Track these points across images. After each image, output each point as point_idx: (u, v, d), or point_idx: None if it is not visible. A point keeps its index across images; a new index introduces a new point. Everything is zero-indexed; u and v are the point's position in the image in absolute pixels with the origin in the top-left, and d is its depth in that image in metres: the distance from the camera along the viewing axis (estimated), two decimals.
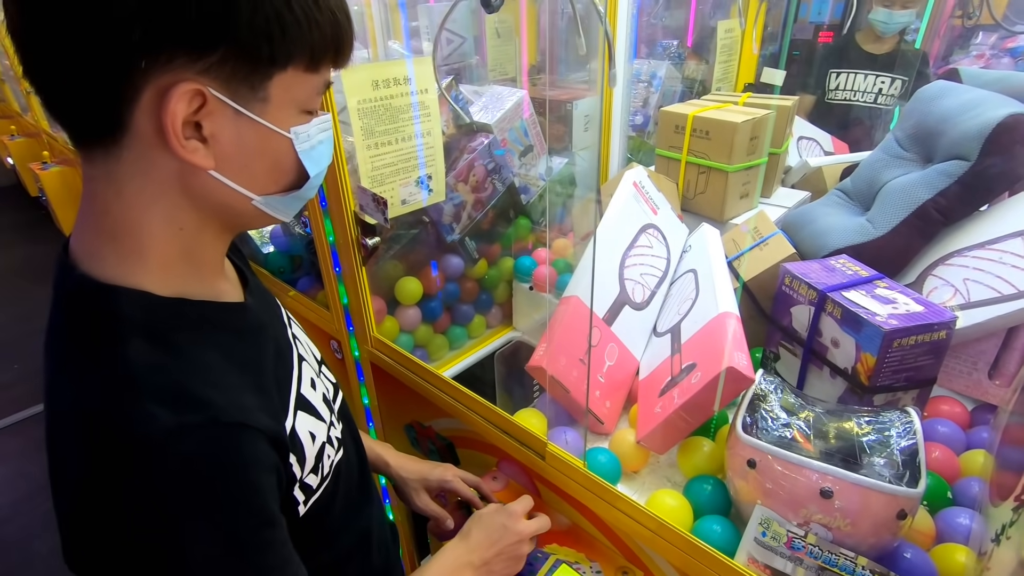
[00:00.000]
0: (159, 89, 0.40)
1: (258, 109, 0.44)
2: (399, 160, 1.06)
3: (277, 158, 0.48)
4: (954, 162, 0.93)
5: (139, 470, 0.40)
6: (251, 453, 0.45)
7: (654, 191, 1.16)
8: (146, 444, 0.40)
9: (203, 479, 0.42)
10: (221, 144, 0.44)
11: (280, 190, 0.49)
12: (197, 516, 0.41)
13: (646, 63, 1.87)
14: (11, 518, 2.14)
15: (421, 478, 0.85)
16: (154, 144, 0.42)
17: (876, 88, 1.94)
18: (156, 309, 0.45)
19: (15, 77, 3.83)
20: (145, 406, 0.40)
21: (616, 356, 0.98)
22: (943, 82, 1.06)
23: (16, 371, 2.97)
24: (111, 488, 0.40)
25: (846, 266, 0.91)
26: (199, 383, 0.44)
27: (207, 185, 0.45)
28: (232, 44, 0.40)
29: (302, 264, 1.43)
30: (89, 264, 0.45)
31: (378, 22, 1.87)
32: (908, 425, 0.68)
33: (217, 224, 0.49)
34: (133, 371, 0.42)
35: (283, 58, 0.43)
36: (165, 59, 0.39)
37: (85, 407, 0.42)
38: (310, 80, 0.46)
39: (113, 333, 0.43)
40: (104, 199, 0.45)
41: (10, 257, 4.34)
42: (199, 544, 0.42)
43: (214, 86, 0.41)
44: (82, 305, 0.45)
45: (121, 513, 0.40)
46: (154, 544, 0.41)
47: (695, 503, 0.77)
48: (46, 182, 3.60)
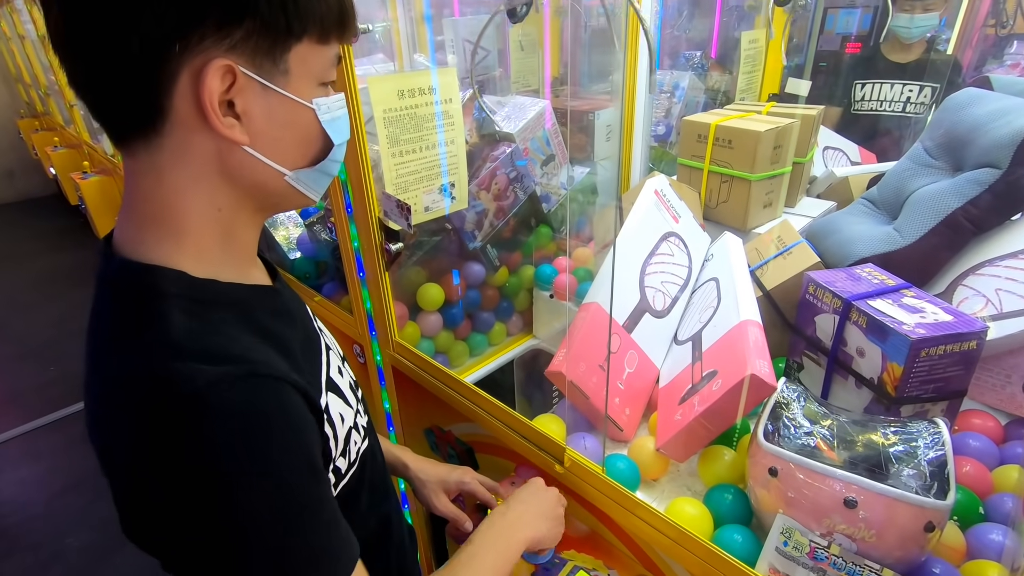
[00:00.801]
0: (193, 71, 0.43)
1: (281, 82, 0.47)
2: (423, 168, 1.08)
3: (304, 129, 0.51)
4: (985, 170, 0.92)
5: (189, 424, 0.42)
6: (292, 405, 0.47)
7: (675, 200, 1.16)
8: (194, 398, 0.42)
9: (250, 426, 0.43)
10: (253, 119, 0.47)
11: (308, 163, 0.52)
12: (249, 465, 0.43)
13: (669, 74, 1.87)
14: (44, 515, 2.20)
15: (440, 480, 0.86)
16: (193, 127, 0.45)
17: (904, 97, 1.90)
18: (192, 287, 0.48)
19: (59, 91, 4.00)
20: (188, 364, 0.43)
21: (636, 363, 0.97)
22: (973, 89, 1.04)
23: (52, 372, 3.08)
24: (165, 446, 0.42)
25: (872, 275, 0.90)
26: (236, 347, 0.47)
27: (243, 162, 0.48)
28: (254, 17, 0.44)
29: (327, 270, 1.46)
30: (130, 250, 0.48)
31: (404, 36, 1.92)
32: (936, 436, 0.66)
33: (252, 205, 0.52)
34: (175, 337, 0.44)
35: (298, 29, 0.46)
36: (196, 40, 0.42)
37: (134, 374, 0.44)
38: (323, 52, 0.49)
39: (153, 307, 0.46)
40: (146, 188, 0.48)
41: (50, 262, 4.52)
42: (253, 492, 0.43)
43: (241, 62, 0.44)
44: (124, 285, 0.48)
45: (176, 469, 0.42)
46: (210, 497, 0.42)
47: (716, 512, 0.76)
48: (85, 191, 3.74)
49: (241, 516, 0.43)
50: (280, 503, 0.45)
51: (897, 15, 1.84)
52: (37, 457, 2.50)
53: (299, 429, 0.47)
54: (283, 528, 0.45)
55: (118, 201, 3.81)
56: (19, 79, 5.91)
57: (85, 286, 0.51)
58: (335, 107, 0.52)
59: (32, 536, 2.12)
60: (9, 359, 3.25)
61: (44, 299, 3.89)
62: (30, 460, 2.49)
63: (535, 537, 0.72)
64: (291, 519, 0.45)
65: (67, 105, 3.96)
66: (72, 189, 4.18)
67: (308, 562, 0.46)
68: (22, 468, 2.45)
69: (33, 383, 2.99)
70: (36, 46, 4.09)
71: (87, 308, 0.50)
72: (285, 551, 0.45)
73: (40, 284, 4.14)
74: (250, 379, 0.45)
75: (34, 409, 2.77)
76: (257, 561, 0.44)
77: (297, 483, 0.46)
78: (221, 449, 0.42)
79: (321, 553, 0.48)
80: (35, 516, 2.20)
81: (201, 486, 0.42)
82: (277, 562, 0.45)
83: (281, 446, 0.45)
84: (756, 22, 2.09)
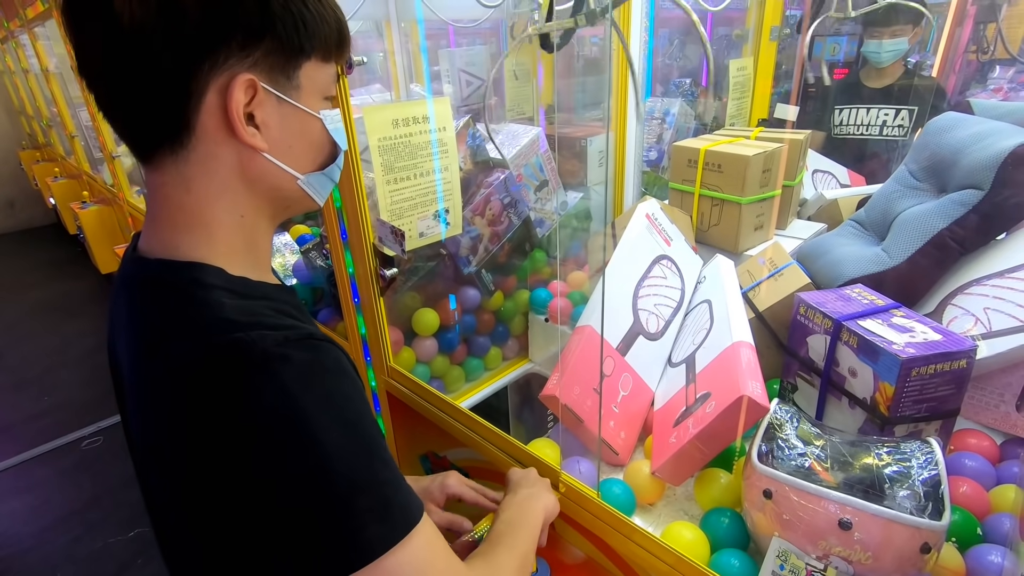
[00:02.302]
0: (220, 86, 0.48)
1: (295, 95, 0.53)
2: (417, 195, 1.10)
3: (313, 137, 0.56)
4: (968, 191, 0.93)
5: (267, 377, 0.45)
6: (348, 366, 0.52)
7: (667, 223, 1.17)
8: (265, 355, 0.45)
9: (320, 375, 0.47)
10: (270, 129, 0.52)
11: (317, 168, 0.58)
12: (326, 406, 0.46)
13: (659, 101, 1.91)
14: (36, 547, 2.16)
15: (422, 491, 0.85)
16: (218, 139, 0.50)
17: (880, 120, 1.96)
18: (231, 282, 0.52)
19: (61, 123, 4.06)
20: (253, 331, 0.47)
21: (630, 386, 0.97)
22: (954, 114, 1.06)
23: (46, 403, 3.05)
24: (246, 404, 0.44)
25: (862, 295, 0.90)
26: (285, 321, 0.51)
27: (262, 169, 0.53)
28: (273, 37, 0.49)
29: (323, 296, 1.46)
30: (166, 253, 0.52)
31: (400, 66, 1.96)
32: (930, 456, 0.66)
33: (269, 210, 0.57)
34: (230, 314, 0.48)
35: (308, 48, 0.52)
36: (223, 58, 0.47)
37: (199, 350, 0.46)
38: (326, 69, 0.55)
39: (201, 294, 0.49)
40: (175, 198, 0.52)
41: (47, 292, 4.51)
42: (334, 431, 0.46)
43: (261, 77, 0.50)
44: (168, 280, 0.51)
45: (260, 422, 0.44)
46: (296, 440, 0.44)
47: (712, 536, 0.75)
48: (84, 220, 3.76)
49: (326, 451, 0.45)
50: (357, 439, 0.48)
51: (867, 41, 1.91)
52: (29, 489, 2.46)
53: (358, 387, 0.51)
54: (364, 460, 0.47)
55: (116, 230, 3.84)
56: (22, 111, 6.00)
57: (81, 316, 0.52)
58: (337, 119, 0.58)
59: (22, 571, 2.07)
60: (4, 389, 3.22)
61: (40, 329, 3.87)
62: (22, 492, 2.45)
63: (548, 505, 0.76)
64: (368, 452, 0.48)
65: (68, 136, 4.01)
66: (71, 218, 4.21)
67: (390, 487, 0.49)
68: (14, 500, 2.41)
69: (26, 414, 2.96)
70: (39, 79, 4.17)
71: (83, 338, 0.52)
72: (370, 478, 0.47)
73: (37, 314, 4.13)
74: (310, 340, 0.49)
75: (27, 440, 2.74)
76: (347, 490, 0.46)
77: (366, 426, 0.49)
78: (297, 395, 0.45)
79: (397, 484, 0.50)
80: (26, 550, 2.15)
81: (284, 432, 0.44)
82: (365, 488, 0.47)
83: (346, 395, 0.49)
84: (744, 50, 2.15)
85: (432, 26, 1.94)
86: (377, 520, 0.47)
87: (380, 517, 0.47)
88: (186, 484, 0.47)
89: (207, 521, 0.48)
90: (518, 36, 1.96)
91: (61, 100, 3.77)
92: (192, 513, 0.48)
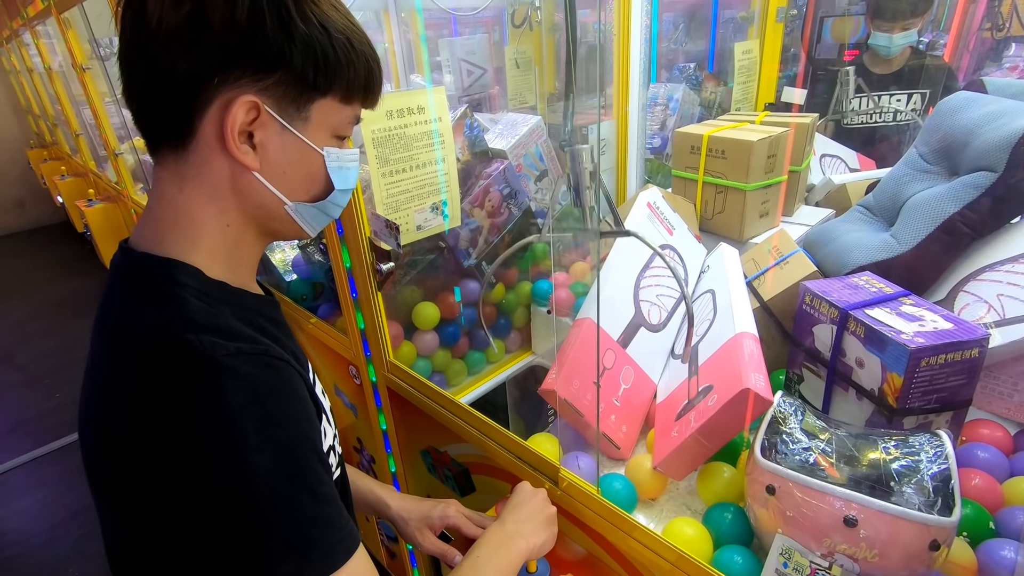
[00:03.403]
0: (224, 102, 0.49)
1: (300, 127, 0.53)
2: (414, 187, 1.08)
3: (310, 170, 0.56)
4: (981, 173, 0.90)
5: (207, 385, 0.45)
6: (300, 388, 0.51)
7: (669, 212, 1.15)
8: (212, 362, 0.45)
9: (262, 395, 0.47)
10: (267, 151, 0.53)
11: (309, 199, 0.58)
12: (261, 427, 0.45)
13: (663, 87, 1.87)
14: (48, 543, 2.18)
15: (423, 517, 0.83)
16: (214, 149, 0.51)
17: (892, 108, 1.89)
18: (206, 284, 0.53)
19: (65, 121, 4.07)
20: (208, 335, 0.47)
21: (632, 379, 0.96)
22: (966, 93, 1.03)
23: (57, 399, 3.08)
24: (181, 405, 0.44)
25: (870, 283, 0.88)
26: (244, 332, 0.51)
27: (252, 186, 0.54)
28: (287, 70, 0.50)
29: (323, 291, 1.45)
30: (150, 247, 0.53)
31: (400, 57, 1.93)
32: (939, 449, 0.64)
33: (255, 227, 0.57)
34: (193, 314, 0.48)
35: (324, 87, 0.52)
36: (233, 78, 0.49)
37: (152, 340, 0.47)
38: (344, 111, 0.55)
39: (170, 291, 0.50)
40: (170, 194, 0.53)
41: (56, 290, 4.55)
42: (264, 453, 0.45)
43: (268, 103, 0.50)
44: (144, 272, 0.52)
45: (190, 428, 0.44)
46: (222, 454, 0.44)
47: (715, 532, 0.74)
48: (91, 218, 3.77)
49: (252, 474, 0.44)
50: (289, 467, 0.46)
51: (876, 34, 1.82)
52: (41, 486, 2.49)
53: (306, 410, 0.51)
54: (291, 490, 0.46)
55: (122, 228, 3.86)
56: (28, 110, 6.03)
57: (89, 313, 0.54)
58: (345, 159, 0.58)
59: (34, 567, 2.09)
60: (15, 387, 3.25)
61: (50, 327, 3.91)
62: (34, 488, 2.48)
63: (536, 545, 0.72)
64: (299, 483, 0.47)
65: (73, 134, 4.03)
66: (78, 216, 4.23)
67: (315, 525, 0.48)
68: (26, 497, 2.44)
69: (37, 411, 2.99)
70: (43, 78, 4.18)
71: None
72: (294, 512, 0.46)
73: (46, 312, 4.17)
74: (263, 357, 0.48)
75: (38, 437, 2.77)
76: (265, 519, 0.45)
77: (304, 455, 0.48)
78: (235, 409, 0.45)
79: (327, 522, 0.49)
80: (38, 546, 2.18)
81: (214, 444, 0.44)
82: (286, 521, 0.46)
83: (291, 418, 0.48)
84: (749, 33, 2.10)
85: (433, 16, 1.91)
86: (293, 559, 0.46)
87: (297, 555, 0.46)
88: (121, 467, 0.47)
89: (135, 507, 0.47)
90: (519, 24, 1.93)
91: (65, 98, 3.78)
92: (123, 497, 0.48)
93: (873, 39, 1.83)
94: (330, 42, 0.51)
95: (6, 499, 2.45)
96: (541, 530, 0.74)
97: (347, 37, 0.52)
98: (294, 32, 0.49)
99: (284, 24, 0.48)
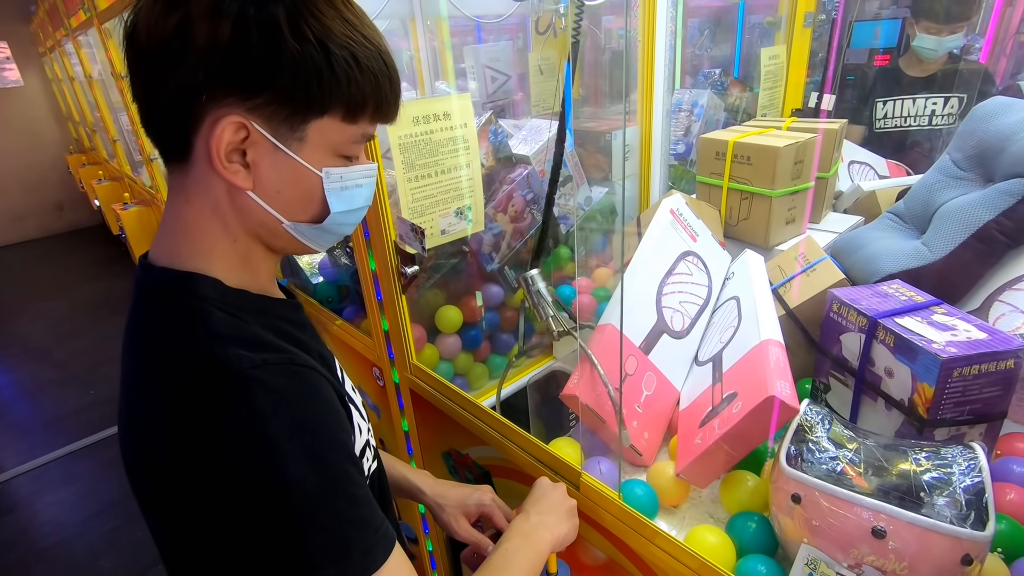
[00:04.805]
0: (213, 120, 0.48)
1: (295, 147, 0.51)
2: (439, 192, 1.10)
3: (307, 191, 0.54)
4: (1017, 180, 0.88)
5: (236, 397, 0.45)
6: (328, 393, 0.51)
7: (693, 218, 1.14)
8: (240, 375, 0.45)
9: (291, 403, 0.47)
10: (260, 170, 0.51)
11: (308, 220, 0.56)
12: (292, 435, 0.45)
13: (687, 92, 1.87)
14: (80, 535, 2.25)
15: (459, 504, 0.84)
16: (209, 165, 0.50)
17: (928, 111, 1.85)
18: (226, 294, 0.53)
19: (104, 127, 4.22)
20: (234, 349, 0.47)
21: (654, 386, 0.95)
22: (1002, 98, 1.00)
23: (91, 396, 3.18)
24: (211, 418, 0.44)
25: (900, 291, 0.86)
26: (269, 340, 0.51)
27: (248, 204, 0.53)
28: (276, 90, 0.48)
29: (349, 294, 1.48)
30: (169, 261, 0.53)
31: (426, 64, 1.96)
32: (973, 462, 0.62)
33: (261, 243, 0.56)
34: (217, 327, 0.49)
35: (318, 107, 0.50)
36: (221, 96, 0.47)
37: (179, 355, 0.47)
38: (347, 130, 0.53)
39: (195, 305, 0.50)
40: (180, 207, 0.53)
41: (92, 290, 4.71)
42: (298, 461, 0.45)
43: (258, 122, 0.49)
44: (167, 288, 0.52)
45: (221, 440, 0.44)
46: (255, 464, 0.44)
47: (738, 541, 0.73)
48: (125, 221, 3.90)
49: (286, 481, 0.45)
50: (322, 474, 0.47)
51: (922, 36, 1.77)
52: (75, 479, 2.57)
53: (335, 414, 0.51)
54: (326, 496, 0.47)
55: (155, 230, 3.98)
56: (69, 117, 6.26)
57: (123, 313, 0.55)
58: (351, 178, 0.55)
59: (67, 558, 2.16)
60: (52, 384, 3.37)
61: (85, 325, 4.05)
62: (68, 482, 2.56)
63: (559, 536, 0.72)
64: (332, 488, 0.47)
65: (110, 140, 4.16)
66: (114, 219, 4.37)
67: (352, 528, 0.48)
68: (61, 490, 2.52)
69: (73, 407, 3.10)
70: (83, 86, 4.34)
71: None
72: (330, 517, 0.46)
73: (82, 311, 4.31)
74: (289, 366, 0.49)
75: (73, 432, 2.87)
76: (303, 525, 0.45)
77: (336, 460, 0.49)
78: (266, 420, 0.45)
79: (362, 523, 0.49)
80: (71, 538, 2.25)
81: (246, 456, 0.44)
82: (323, 526, 0.46)
83: (320, 424, 0.48)
84: (776, 38, 2.08)
85: (458, 23, 1.94)
86: (332, 561, 0.46)
87: (336, 558, 0.46)
88: (162, 482, 0.48)
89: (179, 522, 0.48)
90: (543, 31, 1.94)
91: (103, 105, 3.92)
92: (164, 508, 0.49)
93: (919, 41, 1.79)
94: (327, 60, 0.48)
95: (42, 492, 2.53)
96: (564, 521, 0.74)
97: (350, 52, 0.49)
98: (283, 52, 0.46)
99: (272, 43, 0.46)
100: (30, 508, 2.44)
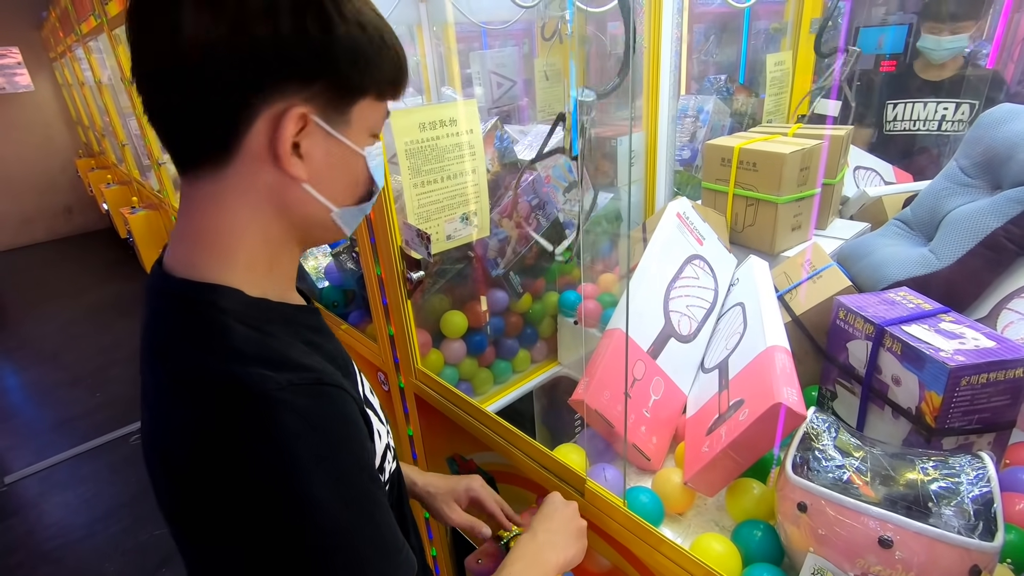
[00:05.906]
0: (273, 114, 0.47)
1: (344, 131, 0.52)
2: (444, 197, 1.10)
3: (354, 173, 0.55)
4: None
5: (260, 419, 0.44)
6: (352, 412, 0.51)
7: (699, 222, 1.14)
8: (264, 397, 0.45)
9: (315, 425, 0.46)
10: (313, 160, 0.51)
11: (353, 202, 0.57)
12: (316, 457, 0.45)
13: (693, 98, 1.87)
14: (87, 537, 2.26)
15: (449, 490, 0.85)
16: (261, 162, 0.49)
17: (939, 115, 1.84)
18: (248, 304, 0.51)
19: (112, 132, 4.26)
20: (258, 369, 0.46)
21: (662, 390, 0.95)
22: (1010, 105, 1.00)
23: (99, 398, 3.20)
24: (234, 439, 0.44)
25: (907, 299, 0.86)
26: (294, 353, 0.50)
27: (297, 198, 0.52)
28: (333, 74, 0.49)
29: (354, 299, 1.48)
30: (187, 271, 0.52)
31: (432, 70, 1.97)
32: (981, 471, 0.62)
33: (296, 237, 0.56)
34: (240, 345, 0.48)
35: (361, 89, 0.51)
36: (279, 90, 0.47)
37: (201, 374, 0.46)
38: (379, 108, 0.55)
39: (215, 319, 0.49)
40: (205, 212, 0.51)
41: (100, 293, 4.74)
42: (321, 483, 0.45)
43: (314, 111, 0.49)
44: (187, 300, 0.50)
45: (245, 461, 0.44)
46: (278, 486, 0.44)
47: (744, 549, 0.73)
48: (133, 225, 3.93)
49: (311, 504, 0.44)
50: (346, 496, 0.46)
51: (925, 36, 1.78)
52: (82, 481, 2.59)
53: (359, 434, 0.50)
54: (350, 519, 0.46)
55: (162, 234, 4.00)
56: (78, 122, 6.33)
57: (131, 316, 0.54)
58: (378, 155, 0.57)
59: (73, 560, 2.17)
60: (60, 385, 3.39)
61: (94, 328, 4.07)
62: (75, 484, 2.57)
63: (567, 558, 0.72)
64: (357, 510, 0.47)
65: (119, 144, 4.20)
66: (122, 223, 4.41)
67: (374, 551, 0.48)
68: (68, 492, 2.54)
69: (81, 409, 3.11)
70: (93, 91, 4.38)
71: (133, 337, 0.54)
72: (354, 539, 0.46)
73: (90, 314, 4.34)
74: (314, 387, 0.48)
75: (81, 434, 2.88)
76: (326, 547, 0.45)
77: (360, 482, 0.49)
78: (289, 443, 0.44)
79: (385, 548, 0.49)
80: (78, 539, 2.26)
81: (271, 478, 0.44)
82: (346, 548, 0.46)
83: (344, 447, 0.48)
84: (782, 44, 2.08)
85: (464, 29, 1.95)
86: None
87: None
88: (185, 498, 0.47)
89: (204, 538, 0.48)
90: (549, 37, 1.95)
91: (113, 110, 3.96)
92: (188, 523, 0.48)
93: (922, 41, 1.80)
94: (368, 39, 0.49)
95: (49, 493, 2.55)
96: (572, 542, 0.73)
97: (380, 33, 0.50)
98: (335, 36, 0.47)
99: (327, 27, 0.46)
100: (36, 509, 2.46)
